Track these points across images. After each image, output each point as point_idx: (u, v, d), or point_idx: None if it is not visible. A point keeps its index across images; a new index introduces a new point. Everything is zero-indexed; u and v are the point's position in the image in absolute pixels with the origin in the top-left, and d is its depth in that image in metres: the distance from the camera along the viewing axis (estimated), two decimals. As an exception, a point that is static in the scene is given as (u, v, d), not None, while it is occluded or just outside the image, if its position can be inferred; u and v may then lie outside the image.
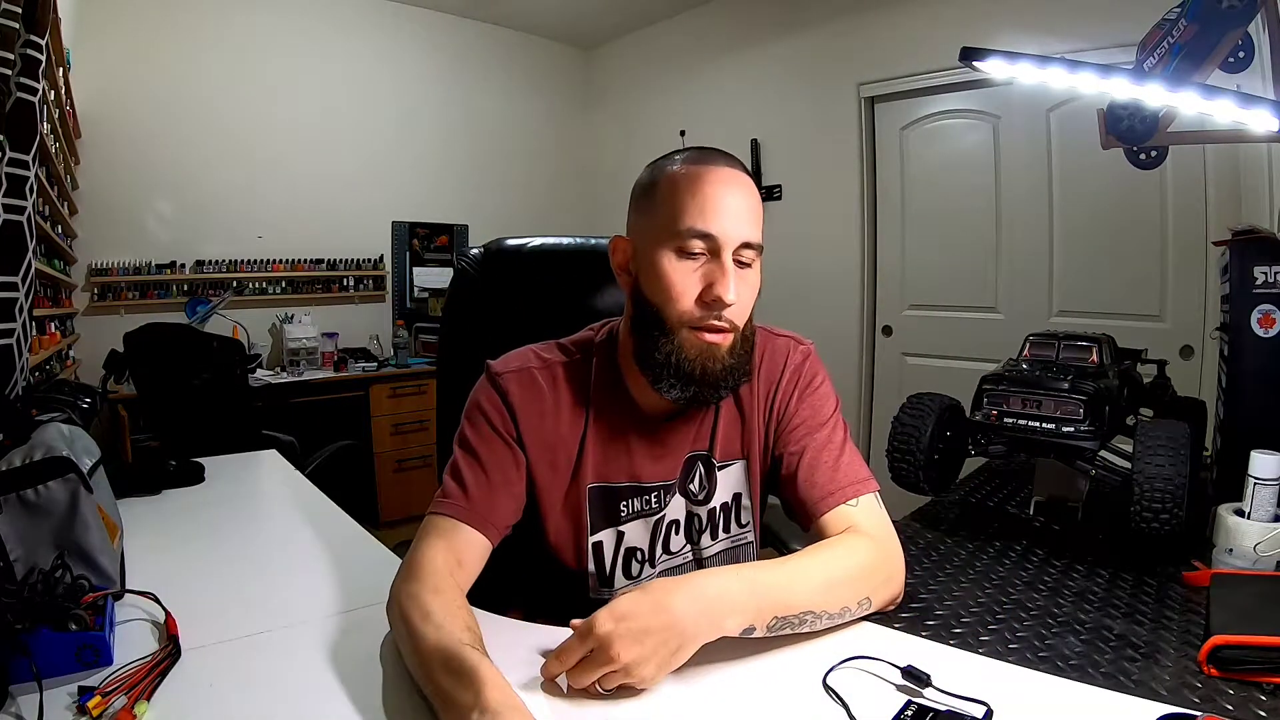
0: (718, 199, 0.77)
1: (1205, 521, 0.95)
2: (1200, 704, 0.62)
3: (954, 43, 1.10)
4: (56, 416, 1.04)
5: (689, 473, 0.88)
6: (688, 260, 0.77)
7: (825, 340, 0.97)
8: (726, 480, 0.89)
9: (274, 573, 1.00)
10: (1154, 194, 2.60)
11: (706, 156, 0.81)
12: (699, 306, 0.77)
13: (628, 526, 0.86)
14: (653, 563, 0.88)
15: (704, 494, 0.89)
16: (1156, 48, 1.19)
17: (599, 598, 0.86)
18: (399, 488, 3.57)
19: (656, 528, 0.87)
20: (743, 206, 0.78)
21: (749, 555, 0.92)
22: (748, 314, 0.81)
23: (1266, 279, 0.99)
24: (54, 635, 0.68)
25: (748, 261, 0.79)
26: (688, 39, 4.18)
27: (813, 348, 0.93)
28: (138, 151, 3.28)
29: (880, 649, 0.69)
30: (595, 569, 0.86)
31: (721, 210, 0.76)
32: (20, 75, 1.32)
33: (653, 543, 0.88)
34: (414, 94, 4.16)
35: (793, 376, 0.89)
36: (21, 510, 0.76)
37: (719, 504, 0.90)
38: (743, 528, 0.92)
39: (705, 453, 0.88)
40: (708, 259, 0.77)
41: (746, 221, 0.78)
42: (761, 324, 0.92)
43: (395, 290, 4.11)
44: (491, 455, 0.81)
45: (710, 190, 0.77)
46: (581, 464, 0.84)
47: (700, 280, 0.77)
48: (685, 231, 0.76)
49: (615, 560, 0.87)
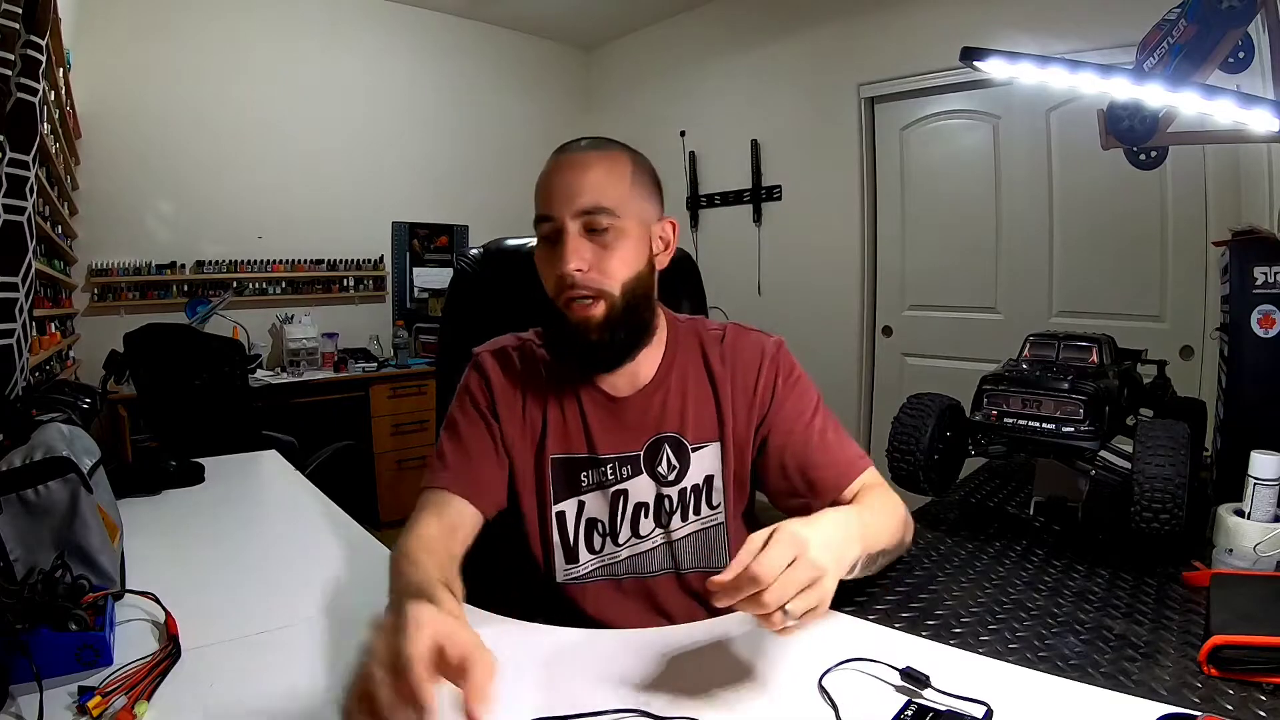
0: (551, 181, 0.83)
1: (1205, 521, 0.95)
2: (1200, 704, 0.62)
3: (954, 43, 1.10)
4: (56, 416, 1.04)
5: (655, 454, 0.90)
6: (545, 246, 0.84)
7: (825, 340, 0.99)
8: (700, 462, 0.91)
9: (274, 573, 1.00)
10: (1154, 194, 2.60)
11: (560, 150, 0.87)
12: (558, 285, 0.83)
13: (587, 497, 0.90)
14: (616, 539, 0.91)
15: (674, 475, 0.91)
16: (1156, 48, 1.19)
17: (567, 579, 0.90)
18: (399, 488, 3.57)
19: (616, 501, 0.90)
20: (578, 179, 0.82)
21: (720, 537, 0.93)
22: (619, 275, 0.84)
23: (1266, 279, 0.99)
24: (54, 635, 0.68)
25: (603, 226, 0.82)
26: (688, 39, 4.19)
27: (783, 340, 0.97)
28: (138, 151, 3.28)
29: (880, 649, 0.69)
30: (560, 540, 0.90)
31: (555, 189, 0.82)
32: (20, 75, 1.32)
33: (613, 515, 0.90)
34: (414, 94, 4.16)
35: (772, 365, 0.93)
36: (21, 510, 0.77)
37: (689, 485, 0.91)
38: (714, 509, 0.93)
39: (675, 434, 0.91)
40: (556, 241, 0.82)
41: (584, 191, 0.81)
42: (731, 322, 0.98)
43: (395, 290, 4.11)
44: (471, 429, 0.88)
45: (547, 177, 0.84)
46: (545, 436, 0.90)
47: (554, 260, 0.82)
48: (536, 220, 0.84)
49: (577, 532, 0.90)
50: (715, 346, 0.94)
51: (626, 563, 0.91)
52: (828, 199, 3.58)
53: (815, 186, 3.63)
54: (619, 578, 0.91)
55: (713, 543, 0.93)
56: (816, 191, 3.63)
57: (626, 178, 0.85)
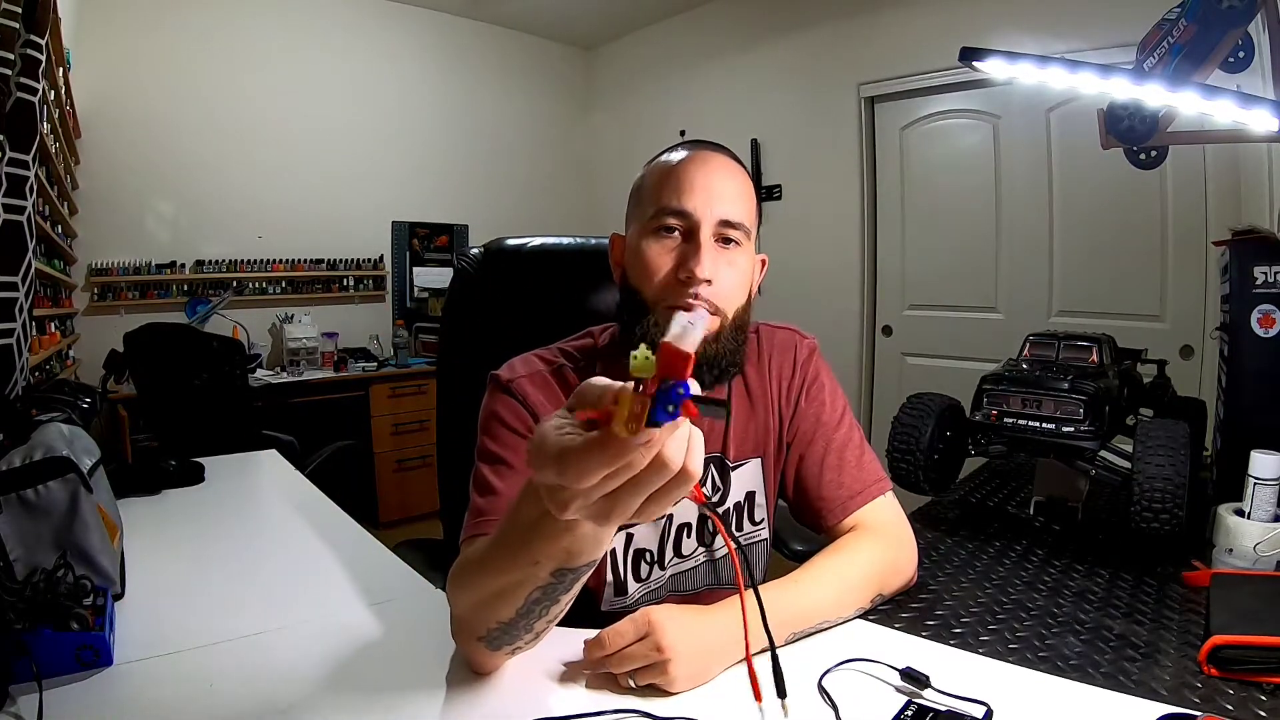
0: (692, 177, 0.77)
1: (1205, 521, 0.95)
2: (1200, 704, 0.62)
3: (954, 43, 1.10)
4: (56, 416, 1.04)
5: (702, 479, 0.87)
6: (666, 240, 0.77)
7: (825, 340, 0.98)
8: (740, 479, 0.88)
9: (274, 573, 1.00)
10: (1154, 194, 2.60)
11: (693, 145, 0.82)
12: (675, 283, 0.76)
13: (636, 529, 0.85)
14: (662, 564, 0.87)
15: (717, 496, 0.87)
16: (1156, 48, 1.18)
17: (612, 610, 0.84)
18: (399, 488, 3.57)
19: (665, 528, 0.86)
20: (723, 185, 0.77)
21: (762, 552, 0.91)
22: (736, 299, 0.79)
23: (1266, 279, 0.99)
24: (54, 635, 0.68)
25: (733, 240, 0.78)
26: (688, 39, 4.18)
27: (816, 343, 0.93)
28: (138, 151, 3.28)
29: (880, 649, 0.69)
30: (611, 577, 0.84)
31: (696, 187, 0.76)
32: (20, 75, 1.32)
33: (661, 543, 0.86)
34: (414, 94, 4.16)
35: (802, 371, 0.89)
36: (22, 510, 0.76)
37: (732, 503, 0.88)
38: (756, 525, 0.90)
39: (718, 455, 0.87)
40: (685, 239, 0.76)
41: (727, 200, 0.77)
42: (762, 323, 0.93)
43: (395, 290, 4.11)
44: (519, 458, 0.76)
45: (686, 169, 0.78)
46: None
47: (676, 258, 0.76)
48: (661, 210, 0.77)
49: (626, 564, 0.85)
50: (752, 357, 0.89)
51: (670, 582, 0.88)
52: (828, 199, 3.58)
53: (815, 186, 3.63)
54: (660, 598, 0.87)
55: (757, 557, 0.90)
56: (816, 191, 3.63)
57: (753, 197, 0.81)
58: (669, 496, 0.42)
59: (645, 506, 0.43)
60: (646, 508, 0.43)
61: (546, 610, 0.59)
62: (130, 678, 0.69)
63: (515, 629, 0.60)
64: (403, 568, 0.99)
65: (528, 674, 0.68)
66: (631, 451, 0.39)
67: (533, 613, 0.58)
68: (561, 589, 0.56)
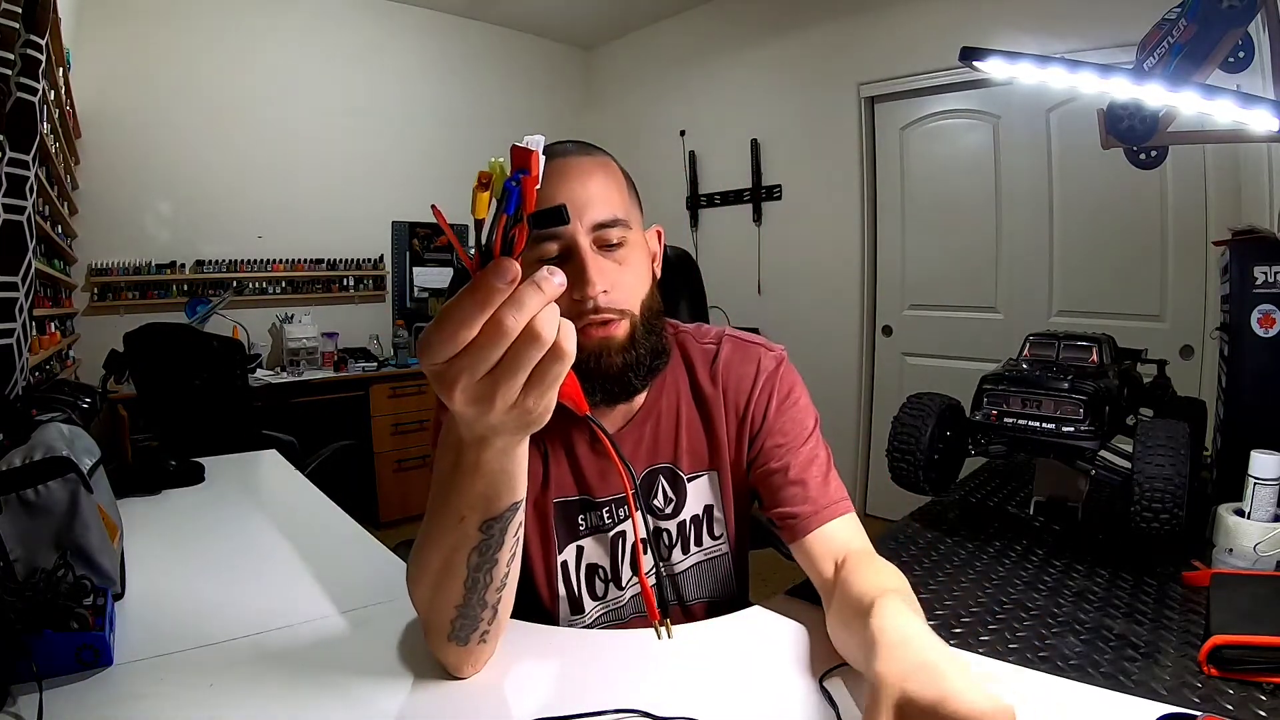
0: (551, 195, 0.73)
1: (1205, 521, 0.95)
2: (1200, 704, 0.62)
3: (954, 43, 1.10)
4: (56, 416, 1.04)
5: (650, 487, 0.85)
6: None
7: (825, 340, 0.97)
8: (697, 492, 0.87)
9: (274, 573, 0.99)
10: (1154, 194, 2.60)
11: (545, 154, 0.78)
12: (574, 306, 0.73)
13: (585, 541, 0.84)
14: (619, 584, 0.85)
15: (671, 507, 0.86)
16: (1156, 48, 1.18)
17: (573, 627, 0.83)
18: (399, 488, 3.57)
19: (615, 545, 0.85)
20: (583, 188, 0.74)
21: (723, 567, 0.89)
22: (638, 293, 0.77)
23: (1266, 279, 0.99)
24: (55, 635, 0.68)
25: (615, 241, 0.75)
26: (688, 39, 4.19)
27: (784, 354, 0.90)
28: (138, 151, 3.28)
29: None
30: (565, 591, 0.83)
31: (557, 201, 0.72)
32: (20, 75, 1.32)
33: (614, 561, 0.85)
34: (414, 94, 4.16)
35: (766, 384, 0.86)
36: (21, 510, 0.76)
37: (689, 516, 0.87)
38: (715, 539, 0.89)
39: (669, 464, 0.86)
40: (566, 259, 0.73)
41: (594, 202, 0.74)
42: (729, 330, 0.91)
43: (395, 290, 4.11)
44: None
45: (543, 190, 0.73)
46: (547, 479, 0.82)
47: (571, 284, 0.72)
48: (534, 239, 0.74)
49: (579, 579, 0.84)
50: (705, 366, 0.88)
51: (631, 604, 0.86)
52: (828, 198, 3.58)
53: (815, 186, 3.64)
54: (624, 619, 0.86)
55: (719, 573, 0.89)
56: (816, 191, 3.63)
57: (623, 183, 0.79)
58: (548, 373, 0.44)
59: (529, 390, 0.45)
60: (530, 392, 0.45)
61: (490, 575, 0.59)
62: (130, 678, 0.69)
63: (471, 608, 0.61)
64: (403, 567, 0.98)
65: (528, 674, 0.68)
66: (499, 293, 0.41)
67: (479, 582, 0.59)
68: (494, 544, 0.57)
